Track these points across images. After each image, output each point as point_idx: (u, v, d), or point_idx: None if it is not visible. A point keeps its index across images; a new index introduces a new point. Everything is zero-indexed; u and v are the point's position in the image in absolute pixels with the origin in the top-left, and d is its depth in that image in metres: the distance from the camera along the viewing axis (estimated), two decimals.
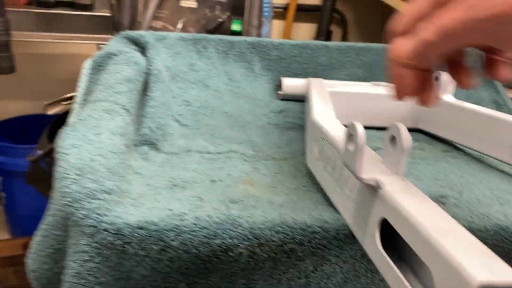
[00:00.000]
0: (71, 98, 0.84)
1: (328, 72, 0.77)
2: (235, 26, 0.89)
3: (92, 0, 1.16)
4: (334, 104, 0.62)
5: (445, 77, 0.57)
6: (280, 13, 1.55)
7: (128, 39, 0.66)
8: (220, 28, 0.89)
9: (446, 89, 0.62)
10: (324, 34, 1.57)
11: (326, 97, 0.57)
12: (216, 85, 0.70)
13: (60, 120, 0.76)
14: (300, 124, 0.65)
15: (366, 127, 0.61)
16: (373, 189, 0.29)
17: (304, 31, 1.63)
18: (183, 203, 0.36)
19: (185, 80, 0.67)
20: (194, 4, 0.89)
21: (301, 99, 0.71)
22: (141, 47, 0.65)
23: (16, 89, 1.59)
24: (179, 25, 0.90)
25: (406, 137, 0.28)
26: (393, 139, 0.30)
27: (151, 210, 0.33)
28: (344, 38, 1.65)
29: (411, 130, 0.65)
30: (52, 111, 0.91)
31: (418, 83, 0.28)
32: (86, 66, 0.57)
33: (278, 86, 0.75)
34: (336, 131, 0.41)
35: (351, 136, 0.30)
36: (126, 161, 0.41)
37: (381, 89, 0.67)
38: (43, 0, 1.16)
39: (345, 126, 0.58)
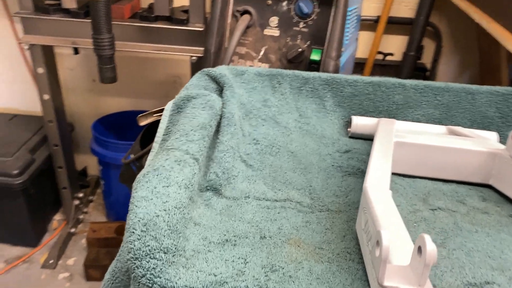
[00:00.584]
0: (161, 110, 0.92)
1: (402, 112, 0.77)
2: (315, 56, 0.90)
3: (188, 15, 1.25)
4: (402, 153, 0.62)
5: None
6: (370, 25, 1.52)
7: (208, 77, 0.72)
8: (300, 57, 0.91)
9: None
10: (415, 48, 1.51)
11: (388, 153, 0.58)
12: (285, 121, 0.73)
13: (151, 128, 0.84)
14: (363, 170, 0.66)
15: (433, 179, 0.61)
16: None
17: (394, 44, 1.58)
18: (228, 267, 0.40)
19: (257, 117, 0.72)
20: (276, 33, 0.93)
21: (370, 138, 0.72)
22: (220, 86, 0.70)
23: (118, 88, 1.76)
24: (261, 52, 0.94)
25: (430, 252, 0.30)
26: (419, 250, 0.31)
27: (197, 275, 0.38)
28: (437, 52, 1.58)
29: (481, 185, 0.63)
30: (144, 123, 1.01)
31: None
32: (168, 108, 0.64)
33: (348, 123, 0.76)
34: (382, 211, 0.42)
35: (378, 242, 0.32)
36: (188, 214, 0.46)
37: (453, 139, 0.66)
38: (144, 15, 1.27)
39: (410, 176, 0.59)
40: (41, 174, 1.56)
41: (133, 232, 0.41)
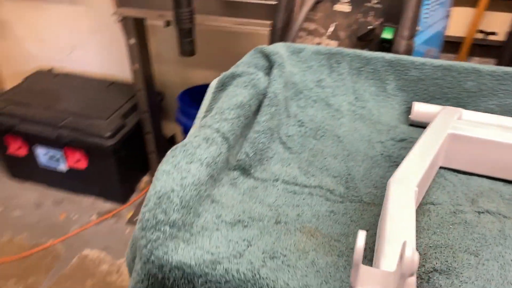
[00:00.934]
0: None
1: (474, 100, 0.69)
2: (386, 34, 0.84)
3: None
4: (457, 147, 0.56)
5: None
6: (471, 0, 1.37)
7: (262, 54, 0.71)
8: (370, 35, 0.86)
9: None
10: None
11: (433, 146, 0.53)
12: (338, 103, 0.70)
13: None
14: None
15: (493, 178, 0.55)
16: None
17: (498, 21, 1.41)
18: (228, 247, 0.41)
19: (307, 97, 0.69)
20: (347, 9, 0.88)
21: None
22: (271, 64, 0.69)
23: (206, 61, 1.81)
24: (331, 29, 0.90)
25: (408, 261, 0.27)
26: (401, 257, 0.29)
27: (194, 251, 0.39)
28: None
29: None
30: None
31: None
32: (212, 85, 0.64)
33: (410, 109, 0.71)
34: (394, 210, 0.39)
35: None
36: (205, 191, 0.47)
37: None
38: None
39: (466, 172, 0.53)
40: (131, 138, 1.69)
41: (147, 204, 0.43)
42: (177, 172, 0.46)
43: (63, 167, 1.71)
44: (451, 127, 0.58)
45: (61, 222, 1.70)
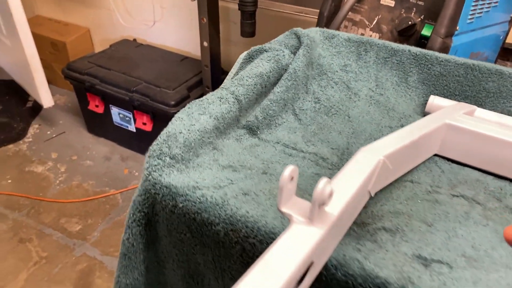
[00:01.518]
0: None
1: (492, 101, 0.71)
2: (426, 31, 0.87)
3: None
4: (453, 137, 0.60)
5: None
6: None
7: (295, 35, 0.78)
8: (410, 30, 0.89)
9: None
10: None
11: (420, 129, 0.57)
12: (358, 88, 0.75)
13: None
14: None
15: (484, 171, 0.58)
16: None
17: None
18: (213, 181, 0.49)
19: (329, 79, 0.76)
20: (392, 3, 0.92)
21: None
22: (300, 44, 0.76)
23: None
24: (374, 21, 0.94)
25: (317, 191, 0.34)
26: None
27: (183, 178, 0.48)
28: None
29: None
30: None
31: None
32: (241, 56, 0.73)
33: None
34: (351, 168, 0.45)
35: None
36: (208, 139, 0.56)
37: None
38: None
39: (465, 165, 0.57)
40: None
41: (158, 139, 0.53)
42: (188, 119, 0.56)
43: (132, 127, 1.90)
44: (450, 118, 0.62)
45: (124, 176, 1.89)
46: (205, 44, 1.65)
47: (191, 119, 0.56)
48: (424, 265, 0.41)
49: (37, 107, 2.25)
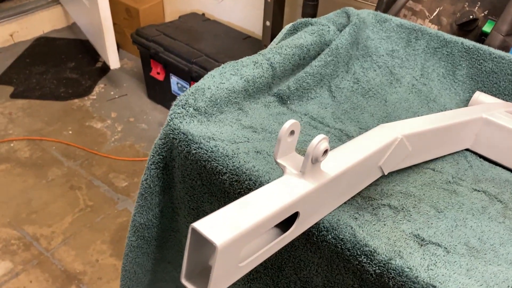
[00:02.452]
0: None
1: None
2: (487, 27, 0.83)
3: None
4: (488, 133, 0.58)
5: None
6: None
7: (345, 14, 0.77)
8: (471, 25, 0.85)
9: None
10: None
11: (448, 118, 0.55)
12: (401, 75, 0.74)
13: None
14: None
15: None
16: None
17: None
18: (229, 136, 0.51)
19: (373, 62, 0.74)
20: None
21: None
22: (349, 22, 0.75)
23: None
24: (435, 13, 0.91)
25: (311, 145, 0.34)
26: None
27: (201, 128, 0.50)
28: None
29: None
30: None
31: None
32: (286, 27, 0.73)
33: None
34: (365, 137, 0.45)
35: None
36: (235, 99, 0.58)
37: None
38: None
39: (498, 164, 0.55)
40: None
41: (187, 91, 0.55)
42: (219, 77, 0.58)
43: None
44: (489, 113, 0.59)
45: None
46: (268, 23, 1.66)
47: (222, 78, 0.58)
48: (420, 244, 0.41)
49: (105, 68, 2.38)
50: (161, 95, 2.11)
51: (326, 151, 0.35)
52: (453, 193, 0.51)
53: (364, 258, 0.38)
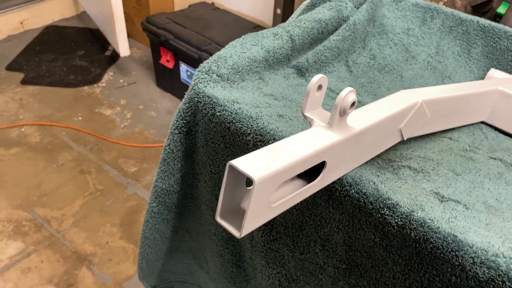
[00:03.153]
0: None
1: None
2: (501, 9, 0.84)
3: None
4: (504, 106, 0.59)
5: None
6: None
7: None
8: (486, 7, 0.86)
9: None
10: None
11: (466, 89, 0.56)
12: (417, 52, 0.75)
13: None
14: None
15: None
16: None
17: None
18: (252, 101, 0.52)
19: (389, 39, 0.75)
20: None
21: None
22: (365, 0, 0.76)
23: None
24: None
25: (341, 96, 0.36)
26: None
27: (225, 94, 0.52)
28: None
29: None
30: None
31: None
32: (305, 3, 0.74)
33: None
34: (387, 100, 0.46)
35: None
36: (256, 68, 0.59)
37: None
38: None
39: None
40: None
41: (209, 59, 0.56)
42: (240, 47, 0.59)
43: None
44: (505, 86, 0.60)
45: None
46: (278, 11, 1.67)
47: (243, 47, 0.59)
48: (440, 200, 0.42)
49: (114, 57, 2.40)
50: (170, 83, 2.13)
51: (353, 103, 0.37)
52: (470, 160, 0.52)
53: (386, 210, 0.40)
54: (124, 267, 1.42)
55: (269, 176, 0.30)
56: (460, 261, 0.36)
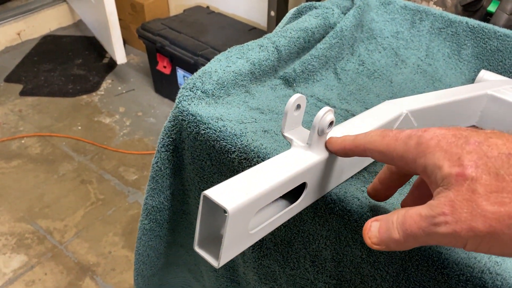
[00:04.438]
0: None
1: None
2: (491, 7, 0.83)
3: None
4: (493, 109, 0.58)
5: None
6: None
7: None
8: (476, 6, 0.85)
9: None
10: None
11: (452, 95, 0.55)
12: (407, 56, 0.74)
13: None
14: None
15: None
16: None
17: None
18: (237, 117, 0.52)
19: (378, 44, 0.75)
20: None
21: None
22: (352, 5, 0.75)
23: None
24: None
25: (318, 116, 0.35)
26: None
27: (209, 111, 0.51)
28: None
29: None
30: None
31: None
32: (291, 11, 0.74)
33: None
34: (370, 113, 0.45)
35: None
36: (242, 81, 0.58)
37: None
38: None
39: None
40: None
41: (194, 75, 0.56)
42: (225, 61, 0.59)
43: None
44: (494, 89, 0.59)
45: None
46: (272, 13, 1.67)
47: (228, 61, 0.59)
48: None
49: (112, 64, 2.40)
50: (168, 88, 2.13)
51: (331, 123, 0.36)
52: None
53: None
54: (127, 276, 1.42)
55: (245, 204, 0.30)
56: (446, 278, 0.36)
